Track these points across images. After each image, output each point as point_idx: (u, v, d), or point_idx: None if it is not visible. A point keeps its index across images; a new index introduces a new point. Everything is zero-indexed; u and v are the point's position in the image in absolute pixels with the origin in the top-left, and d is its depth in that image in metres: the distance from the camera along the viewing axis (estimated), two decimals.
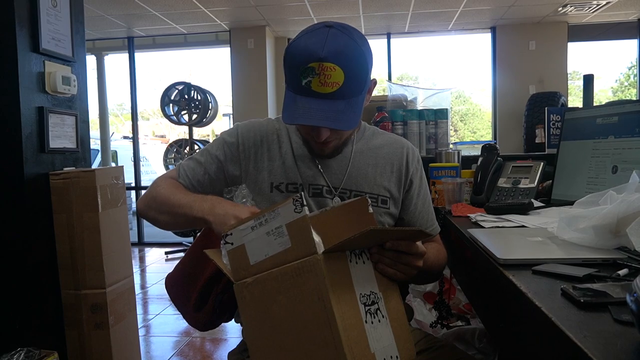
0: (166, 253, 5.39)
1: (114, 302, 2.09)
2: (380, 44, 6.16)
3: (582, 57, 10.37)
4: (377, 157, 1.18)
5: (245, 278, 0.83)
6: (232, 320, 1.20)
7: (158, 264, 5.16)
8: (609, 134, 1.35)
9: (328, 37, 0.96)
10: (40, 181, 2.01)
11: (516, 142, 5.62)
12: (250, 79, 5.85)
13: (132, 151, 6.44)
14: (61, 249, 2.04)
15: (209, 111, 5.53)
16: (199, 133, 7.18)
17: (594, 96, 2.23)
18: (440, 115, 2.13)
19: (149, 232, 6.26)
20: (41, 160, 2.03)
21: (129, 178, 5.74)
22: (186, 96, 5.47)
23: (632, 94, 9.24)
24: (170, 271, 1.23)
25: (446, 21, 5.72)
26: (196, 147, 5.47)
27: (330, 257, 0.79)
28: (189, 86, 5.46)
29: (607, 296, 0.62)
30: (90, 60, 6.45)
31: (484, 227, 1.21)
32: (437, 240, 1.24)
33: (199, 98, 5.45)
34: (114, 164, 7.85)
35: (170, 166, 5.51)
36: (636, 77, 6.51)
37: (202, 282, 1.12)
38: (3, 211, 1.95)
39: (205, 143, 5.61)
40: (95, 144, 6.93)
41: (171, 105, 5.50)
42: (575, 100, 6.87)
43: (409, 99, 2.30)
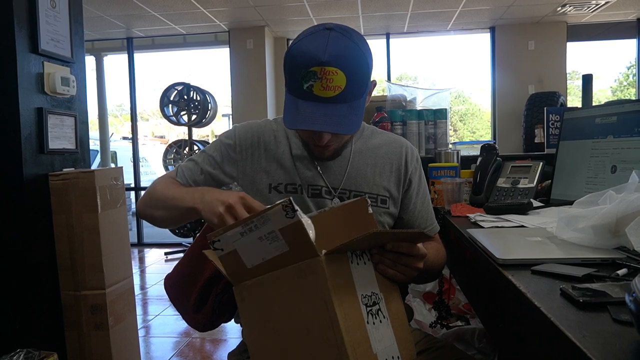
0: (166, 254, 5.38)
1: (113, 303, 2.09)
2: (380, 44, 6.16)
3: (581, 56, 10.38)
4: (376, 157, 1.17)
5: (245, 280, 0.83)
6: (232, 320, 1.20)
7: (158, 264, 5.15)
8: (608, 133, 1.35)
9: (329, 41, 0.95)
10: (40, 182, 2.01)
11: (515, 142, 5.63)
12: (250, 79, 5.85)
13: (131, 152, 6.44)
14: (61, 249, 2.04)
15: (208, 112, 5.53)
16: (198, 134, 7.18)
17: (593, 96, 2.23)
18: (440, 115, 2.13)
19: (149, 232, 6.26)
20: (40, 161, 2.03)
21: (128, 179, 5.72)
22: (185, 97, 5.46)
23: (631, 93, 9.25)
24: (170, 272, 1.23)
25: (445, 21, 5.72)
26: (195, 147, 5.47)
27: (332, 259, 0.78)
28: (188, 87, 5.46)
29: (606, 296, 0.62)
30: (90, 61, 6.45)
31: (483, 227, 1.21)
32: (437, 240, 1.24)
33: (198, 98, 5.45)
34: (113, 165, 7.86)
35: (170, 167, 5.51)
36: (635, 77, 6.51)
37: (202, 282, 1.12)
38: (2, 212, 1.95)
39: (205, 144, 5.62)
40: (94, 144, 6.93)
41: (170, 105, 5.50)
42: (574, 100, 6.87)
43: (408, 99, 2.30)
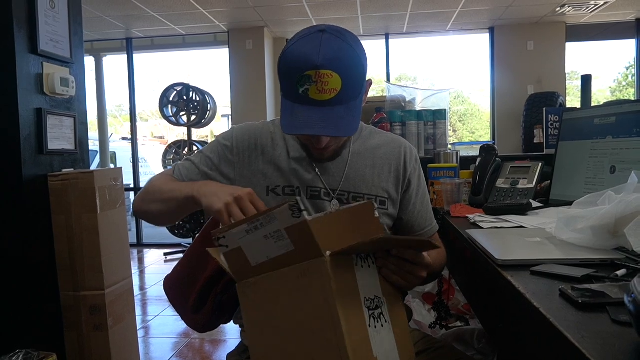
0: (165, 254, 5.38)
1: (113, 303, 2.09)
2: (379, 44, 6.17)
3: (580, 57, 10.41)
4: (375, 158, 1.17)
5: (248, 278, 0.82)
6: (231, 321, 1.20)
7: (157, 265, 5.15)
8: (607, 134, 1.35)
9: (322, 43, 0.94)
10: (39, 182, 2.01)
11: (515, 143, 5.63)
12: (249, 79, 5.85)
13: (130, 152, 6.44)
14: (60, 250, 2.04)
15: (208, 112, 5.53)
16: (197, 134, 7.17)
17: (592, 96, 2.24)
18: (439, 115, 2.13)
19: (148, 233, 6.26)
20: (40, 161, 2.03)
21: (127, 179, 5.73)
22: (185, 97, 5.46)
23: (630, 93, 9.26)
24: (169, 273, 1.23)
25: (444, 22, 5.72)
26: (195, 148, 5.47)
27: (337, 260, 0.78)
28: (187, 87, 5.46)
29: (605, 297, 0.62)
30: (89, 62, 6.45)
31: (482, 228, 1.21)
32: (437, 240, 1.24)
33: (197, 99, 5.45)
34: (112, 165, 7.85)
35: (169, 167, 5.50)
36: (634, 77, 6.52)
37: (201, 283, 1.12)
38: (2, 213, 1.95)
39: (204, 144, 5.61)
40: (93, 145, 6.93)
41: (170, 106, 5.49)
42: (573, 101, 6.88)
43: (407, 99, 2.30)
